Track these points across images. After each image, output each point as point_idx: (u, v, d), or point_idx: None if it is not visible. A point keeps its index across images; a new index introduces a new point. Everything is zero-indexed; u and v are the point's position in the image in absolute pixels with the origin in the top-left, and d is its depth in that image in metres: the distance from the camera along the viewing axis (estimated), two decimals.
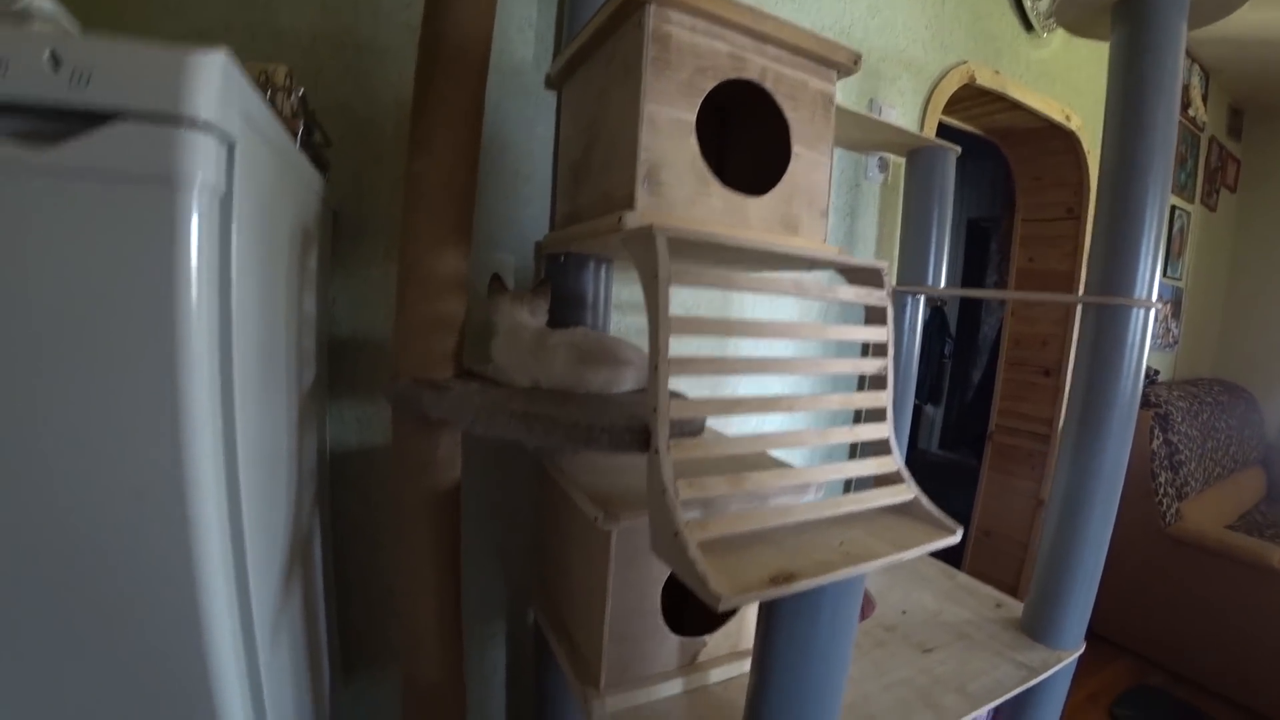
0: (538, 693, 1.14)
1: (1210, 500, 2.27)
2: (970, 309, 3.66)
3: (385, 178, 0.95)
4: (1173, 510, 2.07)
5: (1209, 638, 2.00)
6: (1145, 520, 2.05)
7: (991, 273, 3.44)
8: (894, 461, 0.79)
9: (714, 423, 1.07)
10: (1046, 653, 1.08)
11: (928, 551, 0.69)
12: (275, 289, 0.59)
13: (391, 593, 1.05)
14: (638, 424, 0.60)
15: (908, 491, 0.76)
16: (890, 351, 0.82)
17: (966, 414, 3.31)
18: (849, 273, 0.84)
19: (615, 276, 1.04)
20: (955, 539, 0.71)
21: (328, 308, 0.91)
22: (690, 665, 0.89)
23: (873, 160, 1.47)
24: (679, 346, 0.60)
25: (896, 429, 1.11)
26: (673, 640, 0.87)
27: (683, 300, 1.26)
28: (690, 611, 0.93)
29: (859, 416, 0.83)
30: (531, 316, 0.79)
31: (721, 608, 0.51)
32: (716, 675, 0.91)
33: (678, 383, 0.62)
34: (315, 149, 0.76)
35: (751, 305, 1.35)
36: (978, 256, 3.47)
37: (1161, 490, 2.05)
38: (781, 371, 0.70)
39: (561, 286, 0.92)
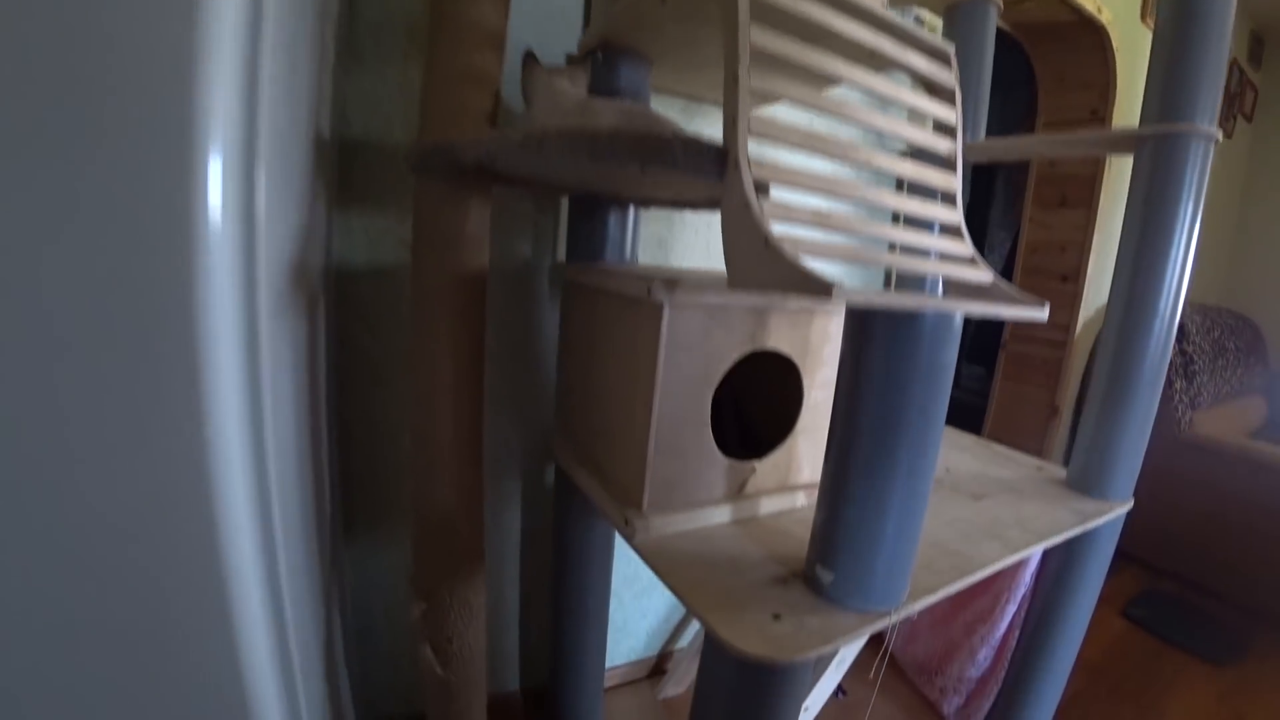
0: (557, 555, 1.07)
1: (1219, 417, 2.25)
2: (976, 240, 3.60)
3: None
4: (1187, 418, 2.05)
5: (1218, 545, 2.00)
6: (1160, 426, 2.01)
7: (999, 198, 3.39)
8: (968, 247, 0.73)
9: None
10: (1098, 503, 1.03)
11: (1019, 317, 0.63)
12: (301, 23, 0.51)
13: (395, 439, 0.98)
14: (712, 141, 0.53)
15: (986, 274, 0.70)
16: (959, 138, 0.75)
17: (970, 344, 3.27)
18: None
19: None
20: (1043, 315, 0.65)
21: (340, 105, 0.82)
22: (739, 494, 0.83)
23: (908, 17, 1.39)
24: None
25: None
26: (720, 463, 0.81)
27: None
28: (733, 441, 0.86)
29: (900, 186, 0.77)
30: (572, 86, 0.71)
31: (834, 299, 0.44)
32: (767, 507, 0.85)
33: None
34: None
35: None
36: (985, 182, 3.41)
37: (1177, 397, 2.02)
38: (852, 120, 0.63)
39: (593, 88, 0.84)
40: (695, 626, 1.40)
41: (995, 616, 1.18)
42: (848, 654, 1.02)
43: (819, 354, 0.87)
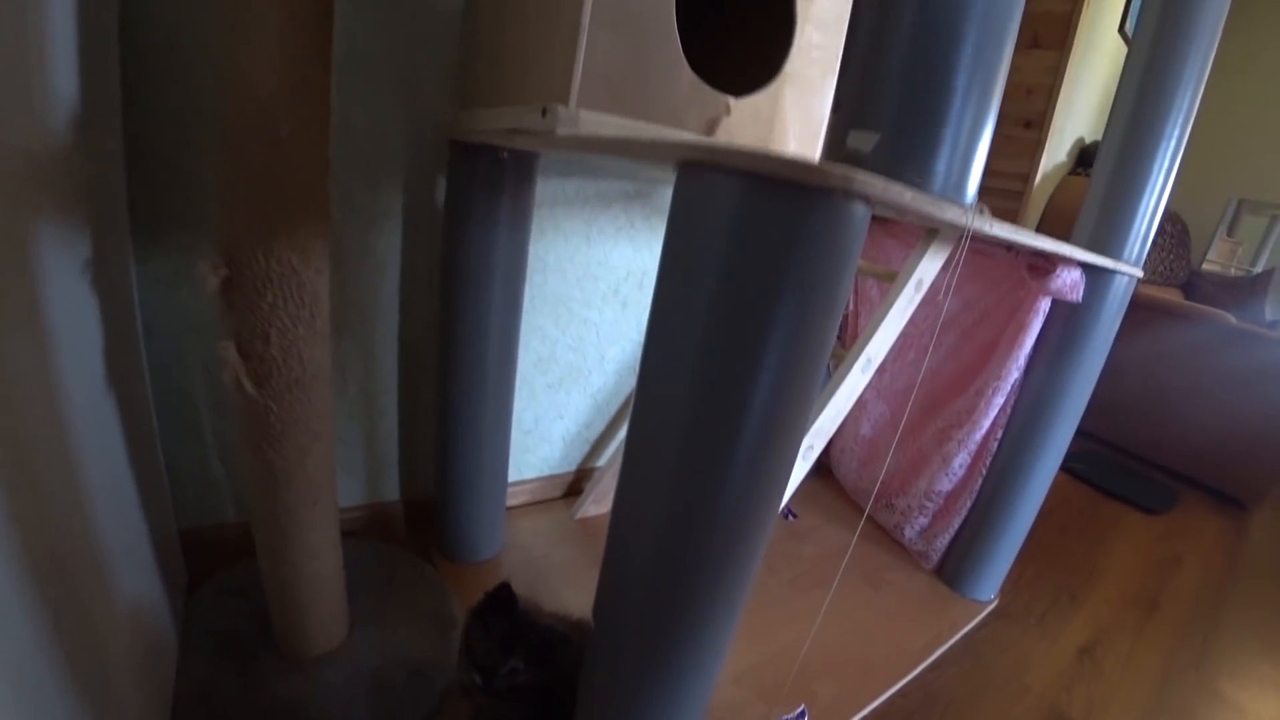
0: (447, 302, 0.79)
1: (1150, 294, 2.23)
2: None
3: None
4: None
5: (1152, 412, 1.99)
6: None
7: None
8: None
9: None
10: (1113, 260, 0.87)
11: None
12: None
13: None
14: None
15: None
16: None
17: None
18: None
19: None
20: None
21: None
22: (707, 132, 0.58)
23: None
24: None
25: None
26: (685, 79, 0.55)
27: None
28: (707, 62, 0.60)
29: None
30: None
31: None
32: None
33: None
34: None
35: None
36: None
37: None
38: None
39: None
40: (619, 438, 1.17)
41: (977, 414, 1.01)
42: (924, 272, 0.78)
43: None
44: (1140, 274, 0.92)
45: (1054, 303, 0.94)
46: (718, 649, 0.49)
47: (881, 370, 1.19)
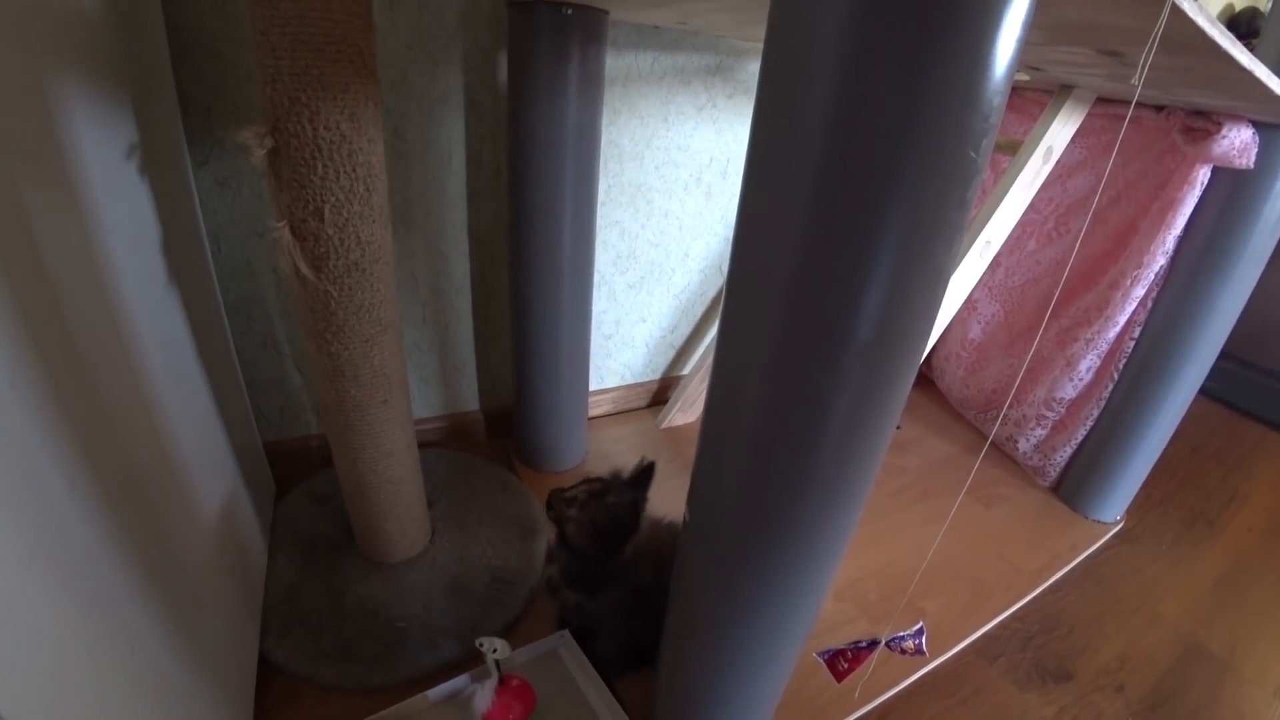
0: (516, 195, 0.73)
1: None
2: None
3: None
4: None
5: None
6: None
7: None
8: None
9: None
10: None
11: None
12: None
13: None
14: None
15: None
16: None
17: None
18: None
19: None
20: None
21: None
22: None
23: None
24: None
25: None
26: None
27: None
28: None
29: None
30: None
31: None
32: None
33: None
34: None
35: None
36: None
37: None
38: None
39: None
40: (705, 343, 1.11)
41: (1110, 309, 0.88)
42: (1054, 139, 0.72)
43: None
44: None
45: (1214, 173, 0.80)
46: (827, 564, 0.42)
47: (995, 265, 1.06)
